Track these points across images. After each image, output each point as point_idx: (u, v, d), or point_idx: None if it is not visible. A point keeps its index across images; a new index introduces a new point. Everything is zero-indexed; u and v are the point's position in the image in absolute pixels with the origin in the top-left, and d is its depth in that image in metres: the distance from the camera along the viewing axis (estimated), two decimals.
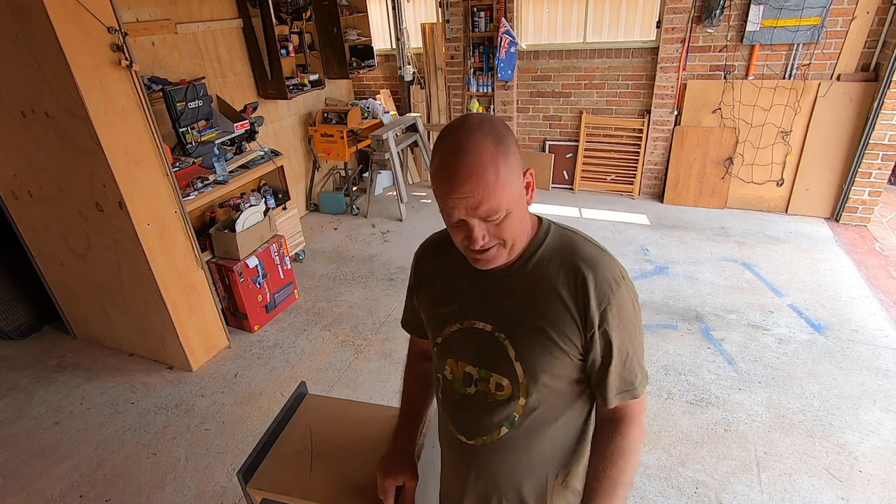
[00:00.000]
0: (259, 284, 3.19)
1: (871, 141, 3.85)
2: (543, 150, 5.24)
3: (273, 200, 3.65)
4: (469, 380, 0.95)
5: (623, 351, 0.88)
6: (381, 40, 5.64)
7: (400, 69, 5.09)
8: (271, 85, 4.29)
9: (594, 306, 0.84)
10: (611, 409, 0.93)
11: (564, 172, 5.18)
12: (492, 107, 5.19)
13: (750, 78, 4.14)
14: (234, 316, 3.23)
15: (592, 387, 0.93)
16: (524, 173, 0.83)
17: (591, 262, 0.86)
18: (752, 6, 3.90)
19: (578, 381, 0.93)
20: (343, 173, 5.16)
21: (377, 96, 5.44)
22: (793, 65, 4.01)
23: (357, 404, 1.49)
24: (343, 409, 1.45)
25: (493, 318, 0.92)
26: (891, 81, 3.63)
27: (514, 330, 0.90)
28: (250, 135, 3.67)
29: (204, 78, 3.57)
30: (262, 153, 3.64)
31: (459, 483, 1.02)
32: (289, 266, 3.43)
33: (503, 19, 4.66)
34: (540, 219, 0.94)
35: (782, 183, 4.32)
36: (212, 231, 3.09)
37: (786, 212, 4.39)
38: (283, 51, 4.30)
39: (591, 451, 0.96)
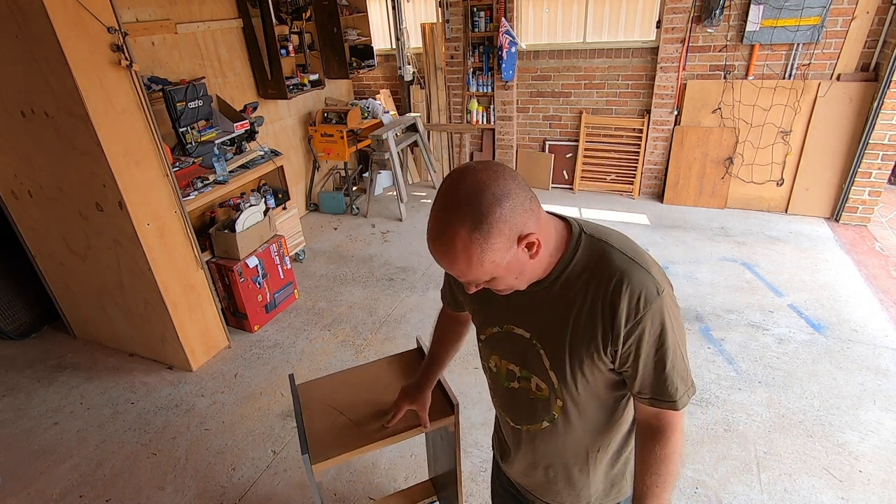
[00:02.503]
0: (259, 284, 3.19)
1: (871, 141, 3.85)
2: (543, 150, 5.24)
3: (273, 200, 3.65)
4: (512, 376, 1.01)
5: (659, 363, 0.86)
6: (381, 40, 5.64)
7: (400, 69, 5.09)
8: (271, 85, 4.29)
9: (622, 323, 0.83)
10: (649, 416, 0.93)
11: (564, 172, 5.18)
12: (492, 106, 5.19)
13: (750, 78, 4.14)
14: (234, 316, 3.23)
15: (629, 390, 0.94)
16: (520, 239, 0.77)
17: (621, 277, 0.83)
18: (752, 6, 3.90)
19: (616, 386, 0.94)
20: (343, 173, 5.16)
21: (377, 96, 5.44)
22: (793, 65, 4.01)
23: (351, 371, 1.58)
24: (341, 379, 1.54)
25: (530, 326, 0.95)
26: (891, 81, 3.62)
27: (547, 341, 0.92)
28: (250, 135, 3.67)
29: (204, 78, 3.57)
30: (262, 153, 3.64)
31: (512, 446, 1.13)
32: (289, 266, 3.43)
33: (503, 19, 4.66)
34: (570, 228, 0.90)
35: (782, 183, 4.32)
36: (212, 231, 3.09)
37: (786, 212, 4.39)
38: (283, 51, 4.30)
39: (636, 453, 0.97)
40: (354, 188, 5.12)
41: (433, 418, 1.34)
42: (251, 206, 3.20)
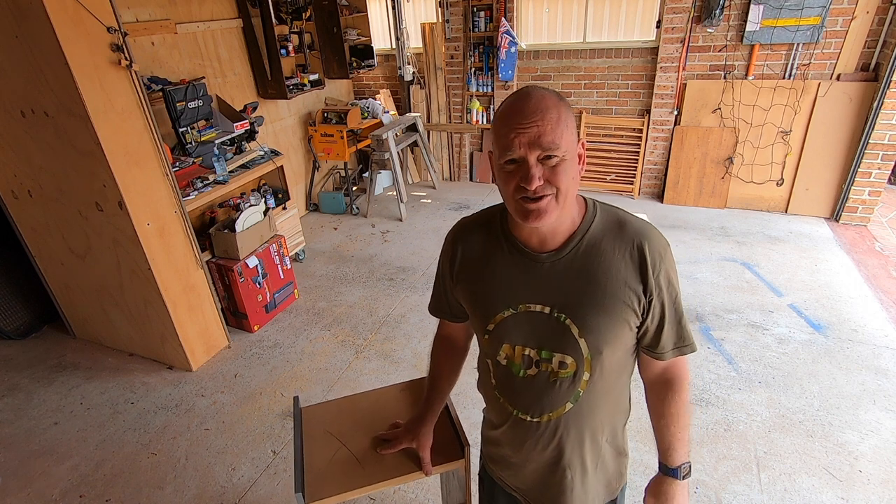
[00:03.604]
0: (259, 284, 3.19)
1: (870, 141, 3.85)
2: None
3: (273, 200, 3.65)
4: (529, 362, 0.98)
5: (677, 311, 0.96)
6: (380, 40, 5.64)
7: (400, 69, 5.09)
8: (271, 85, 4.29)
9: (651, 272, 0.91)
10: (662, 371, 1.03)
11: None
12: (491, 107, 5.19)
13: (750, 78, 4.14)
14: (234, 316, 3.23)
15: (645, 349, 1.00)
16: (578, 140, 0.89)
17: (643, 233, 0.93)
18: (751, 6, 3.90)
19: (631, 350, 1.00)
20: (343, 173, 5.16)
21: (377, 96, 5.44)
22: (793, 65, 4.01)
23: (358, 396, 1.50)
24: (348, 405, 1.46)
25: (549, 299, 0.94)
26: (891, 81, 3.63)
27: (574, 309, 0.92)
28: (250, 135, 3.67)
29: (204, 78, 3.57)
30: (261, 153, 3.64)
31: (521, 454, 1.06)
32: (289, 266, 3.43)
33: (503, 19, 4.66)
34: (585, 200, 0.98)
35: (782, 183, 4.32)
36: (212, 231, 3.09)
37: (786, 211, 4.39)
38: (283, 51, 4.30)
39: (653, 412, 1.06)
40: (354, 188, 5.12)
41: (442, 458, 1.24)
42: (251, 206, 3.20)
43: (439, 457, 1.24)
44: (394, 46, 5.14)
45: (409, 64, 5.11)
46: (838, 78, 3.92)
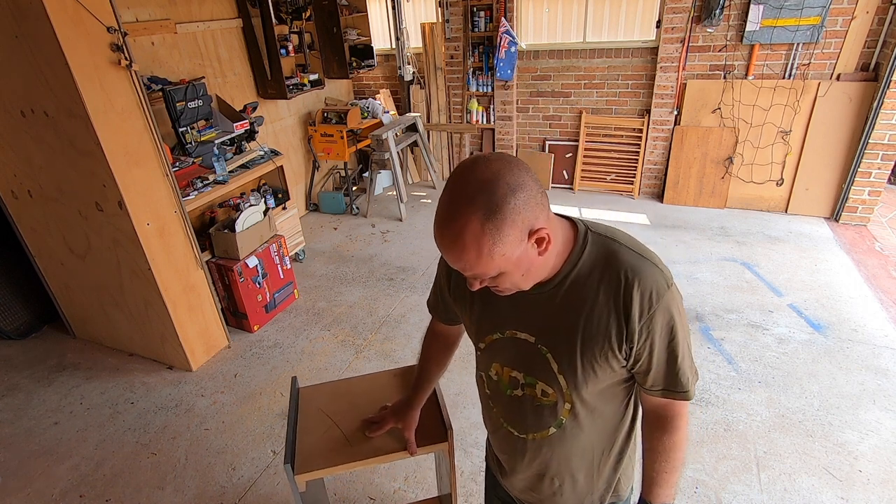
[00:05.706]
0: (259, 284, 3.19)
1: (870, 140, 3.85)
2: (543, 150, 5.24)
3: (273, 200, 3.66)
4: (515, 383, 0.97)
5: (672, 355, 0.88)
6: (380, 40, 5.64)
7: (400, 69, 5.09)
8: (271, 85, 4.29)
9: (636, 319, 0.83)
10: (655, 407, 0.95)
11: (564, 172, 5.18)
12: (491, 106, 5.19)
13: (750, 78, 4.14)
14: (234, 316, 3.23)
15: (638, 384, 0.95)
16: (531, 234, 0.76)
17: (633, 273, 0.83)
18: (751, 6, 3.90)
19: (623, 381, 0.94)
20: (343, 173, 5.16)
21: (377, 96, 5.44)
22: (792, 64, 4.01)
23: (356, 379, 1.55)
24: (344, 387, 1.51)
25: (534, 330, 0.92)
26: (890, 81, 3.62)
27: (555, 345, 0.90)
28: (250, 134, 3.67)
29: (204, 78, 3.57)
30: (261, 153, 3.64)
31: (512, 459, 1.07)
32: (288, 266, 3.43)
33: (503, 19, 4.66)
34: (576, 227, 0.89)
35: (782, 183, 4.32)
36: (212, 231, 3.09)
37: (785, 211, 4.39)
38: (282, 51, 4.30)
39: (644, 442, 0.99)
40: (354, 188, 5.12)
41: (427, 440, 1.28)
42: (251, 205, 3.21)
43: (425, 439, 1.29)
44: (394, 46, 5.14)
45: (409, 64, 5.11)
46: (838, 78, 3.92)
